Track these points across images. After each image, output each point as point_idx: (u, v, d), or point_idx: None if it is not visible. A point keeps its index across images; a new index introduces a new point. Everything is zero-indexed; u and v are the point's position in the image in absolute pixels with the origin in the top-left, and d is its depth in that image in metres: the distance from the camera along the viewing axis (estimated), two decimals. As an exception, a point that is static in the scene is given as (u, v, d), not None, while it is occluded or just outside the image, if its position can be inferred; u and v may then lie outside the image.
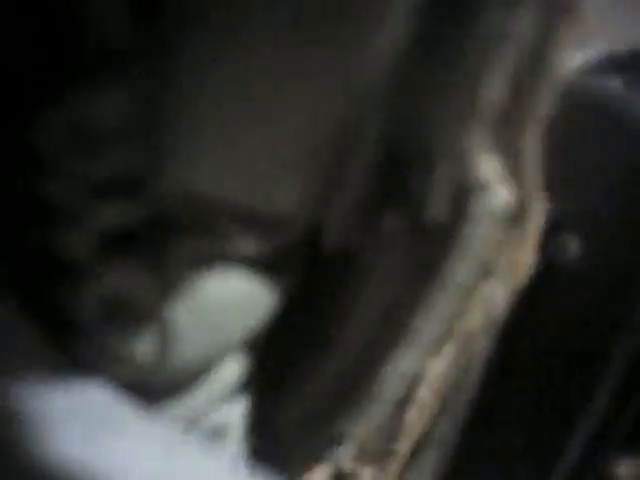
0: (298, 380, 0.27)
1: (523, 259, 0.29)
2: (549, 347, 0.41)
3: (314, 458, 0.28)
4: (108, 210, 0.21)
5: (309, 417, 0.27)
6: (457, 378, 0.33)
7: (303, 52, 0.20)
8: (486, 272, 0.26)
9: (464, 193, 0.23)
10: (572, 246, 0.38)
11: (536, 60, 0.23)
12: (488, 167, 0.24)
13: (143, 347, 0.22)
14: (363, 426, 0.28)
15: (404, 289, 0.25)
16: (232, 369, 0.26)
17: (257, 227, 0.22)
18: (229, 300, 0.23)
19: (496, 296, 0.28)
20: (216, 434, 0.26)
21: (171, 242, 0.22)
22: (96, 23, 0.19)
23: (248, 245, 0.22)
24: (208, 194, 0.21)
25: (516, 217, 0.26)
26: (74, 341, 0.22)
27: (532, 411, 0.42)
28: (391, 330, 0.26)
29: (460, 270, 0.24)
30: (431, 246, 0.24)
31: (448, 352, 0.29)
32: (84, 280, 0.21)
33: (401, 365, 0.26)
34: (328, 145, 0.22)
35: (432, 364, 0.29)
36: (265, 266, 0.24)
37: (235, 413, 0.27)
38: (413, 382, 0.29)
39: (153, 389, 0.23)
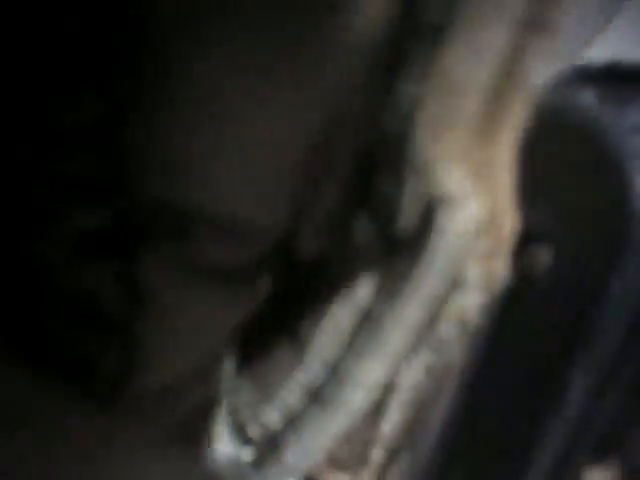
0: (271, 389, 0.27)
1: (497, 269, 0.29)
2: (522, 355, 0.41)
3: (288, 466, 0.28)
4: (79, 213, 0.21)
5: (281, 425, 0.27)
6: (431, 386, 0.34)
7: (281, 64, 0.20)
8: (457, 282, 0.26)
9: (434, 205, 0.23)
10: (544, 256, 0.38)
11: (509, 73, 0.23)
12: (458, 180, 0.24)
13: (109, 357, 0.22)
14: (335, 434, 0.28)
15: (374, 298, 0.25)
16: (205, 379, 0.26)
17: (232, 235, 0.22)
18: (202, 309, 0.23)
19: (469, 306, 0.28)
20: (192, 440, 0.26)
21: (143, 249, 0.22)
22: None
23: (223, 253, 0.22)
24: (183, 202, 0.21)
25: (487, 228, 0.26)
26: (46, 350, 0.22)
27: (506, 417, 0.43)
28: (361, 338, 0.26)
29: (429, 280, 0.25)
30: (401, 257, 0.24)
31: (422, 361, 0.29)
32: (54, 283, 0.21)
33: (371, 373, 0.26)
34: (304, 156, 0.22)
35: (405, 373, 0.29)
36: (240, 274, 0.24)
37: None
38: (386, 391, 0.29)
39: (123, 401, 0.23)
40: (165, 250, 0.22)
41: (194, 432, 0.26)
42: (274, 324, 0.27)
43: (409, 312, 0.25)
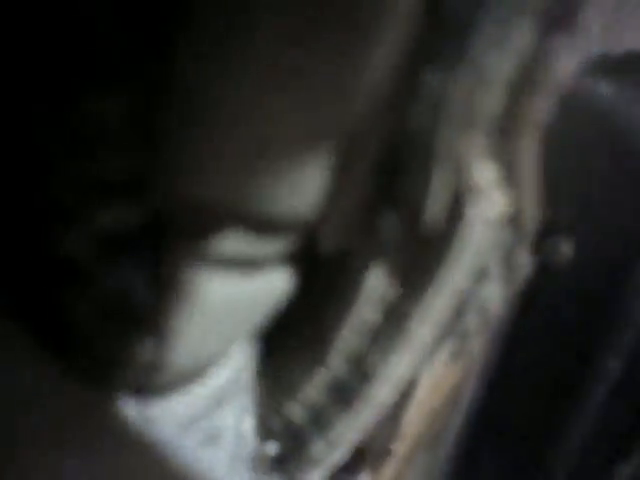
0: (294, 383, 0.27)
1: (520, 263, 0.29)
2: (544, 349, 0.41)
3: (313, 461, 0.28)
4: (106, 211, 0.21)
5: (305, 420, 0.28)
6: (454, 380, 0.34)
7: (308, 55, 0.20)
8: (482, 276, 0.26)
9: (460, 198, 0.23)
10: (566, 249, 0.38)
11: (533, 67, 0.23)
12: (484, 173, 0.24)
13: (139, 350, 0.22)
14: (360, 429, 0.28)
15: (399, 292, 0.25)
16: (228, 372, 0.26)
17: (257, 229, 0.22)
18: (229, 303, 0.23)
19: (493, 299, 0.28)
20: (210, 438, 0.26)
21: (170, 244, 0.22)
22: (90, 24, 0.19)
23: (248, 247, 0.23)
24: (209, 196, 0.21)
25: (512, 221, 0.26)
26: (71, 344, 0.22)
27: (528, 412, 0.43)
28: (386, 333, 0.26)
29: (455, 274, 0.25)
30: (427, 250, 0.24)
31: (445, 355, 0.30)
32: (80, 282, 0.21)
33: (396, 368, 0.26)
34: (330, 149, 0.22)
35: (429, 367, 0.29)
36: (265, 268, 0.24)
37: (230, 417, 0.27)
38: (410, 385, 0.29)
39: (149, 393, 0.23)
40: (192, 246, 0.22)
41: None
42: (298, 318, 0.27)
43: (435, 306, 0.25)
